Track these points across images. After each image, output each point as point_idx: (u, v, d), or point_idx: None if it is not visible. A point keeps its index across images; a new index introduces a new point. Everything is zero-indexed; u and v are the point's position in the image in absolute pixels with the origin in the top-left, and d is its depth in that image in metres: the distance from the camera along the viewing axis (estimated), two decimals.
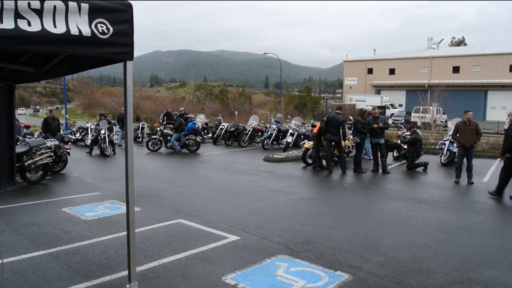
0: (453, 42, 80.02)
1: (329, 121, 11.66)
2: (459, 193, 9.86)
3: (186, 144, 16.66)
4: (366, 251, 5.64)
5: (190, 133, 17.23)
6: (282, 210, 7.82)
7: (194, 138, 16.90)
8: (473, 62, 47.59)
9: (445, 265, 5.23)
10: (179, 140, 16.65)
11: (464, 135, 10.52)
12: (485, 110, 44.45)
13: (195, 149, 16.67)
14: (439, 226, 7.01)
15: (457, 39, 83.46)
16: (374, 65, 55.58)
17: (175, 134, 16.68)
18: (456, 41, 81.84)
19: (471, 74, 46.75)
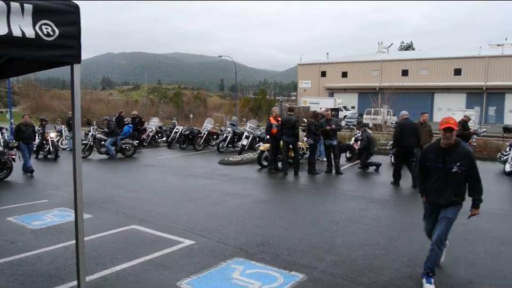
0: (402, 47, 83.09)
1: (284, 123, 11.79)
2: (410, 192, 10.23)
3: (123, 149, 16.10)
4: (320, 251, 5.75)
5: (127, 137, 16.82)
6: (237, 213, 7.83)
7: (131, 143, 16.47)
8: (421, 66, 49.72)
9: (395, 261, 5.42)
10: (115, 144, 16.00)
11: (421, 136, 10.93)
12: (432, 112, 46.41)
13: (131, 153, 16.19)
14: (389, 224, 7.26)
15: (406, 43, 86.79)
16: (327, 68, 56.80)
17: (109, 138, 15.89)
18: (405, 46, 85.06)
19: (419, 78, 48.80)
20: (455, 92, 46.47)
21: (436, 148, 4.69)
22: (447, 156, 4.54)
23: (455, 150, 4.52)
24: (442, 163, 4.57)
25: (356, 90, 52.12)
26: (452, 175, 4.55)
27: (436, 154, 4.63)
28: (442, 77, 47.36)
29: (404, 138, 10.37)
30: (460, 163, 4.47)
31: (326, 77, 56.25)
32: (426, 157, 4.78)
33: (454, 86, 46.37)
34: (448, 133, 4.44)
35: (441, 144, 4.59)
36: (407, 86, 45.97)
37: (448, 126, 4.42)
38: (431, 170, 4.73)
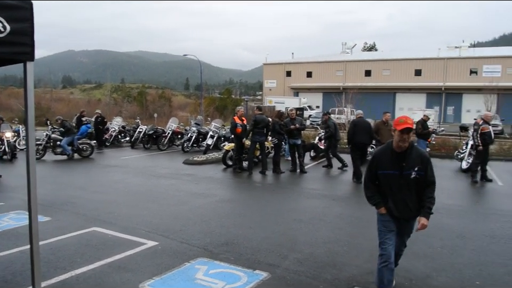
0: (365, 48, 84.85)
1: (258, 122, 11.78)
2: None
3: (80, 149, 15.53)
4: (284, 249, 5.79)
5: (84, 137, 16.38)
6: (202, 213, 7.78)
7: (89, 143, 15.98)
8: (383, 66, 50.99)
9: (357, 257, 5.54)
10: (72, 144, 15.37)
11: (384, 134, 11.23)
12: (394, 111, 47.65)
13: (89, 153, 15.67)
14: (352, 221, 7.41)
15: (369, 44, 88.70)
16: (292, 68, 57.32)
17: (65, 138, 15.22)
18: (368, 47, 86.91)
19: (382, 78, 50.01)
20: (416, 92, 47.92)
21: (389, 153, 4.07)
22: (403, 161, 3.98)
23: (411, 154, 4.00)
24: (399, 170, 4.00)
25: (320, 90, 52.85)
26: (412, 182, 4.02)
27: (391, 160, 4.03)
28: (404, 77, 48.73)
29: (356, 136, 10.96)
30: (417, 168, 3.99)
31: (291, 76, 56.76)
32: (379, 164, 4.11)
33: (414, 86, 47.80)
34: (405, 135, 3.89)
35: (395, 148, 4.01)
36: (370, 86, 47.10)
37: (407, 127, 3.87)
38: (386, 179, 4.10)
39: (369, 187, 4.30)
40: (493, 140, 11.38)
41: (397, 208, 4.14)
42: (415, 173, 4.00)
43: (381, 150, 4.23)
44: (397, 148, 4.01)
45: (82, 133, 16.48)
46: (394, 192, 4.11)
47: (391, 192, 4.13)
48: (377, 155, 4.20)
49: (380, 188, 4.22)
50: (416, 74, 49.01)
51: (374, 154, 4.31)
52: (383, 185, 4.17)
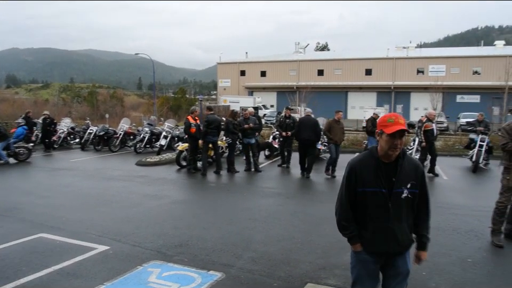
0: (318, 47, 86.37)
1: (210, 122, 11.71)
2: (327, 187, 10.70)
3: (16, 153, 14.51)
4: (238, 248, 5.80)
5: (20, 140, 15.65)
6: (155, 215, 7.65)
7: (26, 146, 15.09)
8: (335, 66, 52.16)
9: (310, 254, 5.63)
10: (8, 149, 14.31)
11: (336, 133, 11.50)
12: (346, 110, 48.90)
13: (25, 157, 14.72)
14: (305, 218, 7.53)
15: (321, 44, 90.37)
16: (246, 67, 57.47)
17: (0, 143, 14.01)
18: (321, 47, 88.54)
19: (334, 77, 51.15)
20: (367, 91, 49.38)
21: (373, 164, 2.93)
22: (393, 174, 2.90)
23: (403, 165, 2.90)
24: (387, 187, 2.89)
25: (274, 89, 53.34)
26: (403, 203, 2.92)
27: (376, 173, 2.91)
28: (355, 77, 50.08)
29: (302, 133, 11.45)
30: (411, 183, 2.91)
31: (245, 76, 56.91)
32: (358, 179, 2.95)
33: (365, 85, 49.25)
34: (398, 140, 2.82)
35: (381, 158, 2.92)
36: (323, 85, 48.03)
37: (400, 129, 2.82)
38: (369, 199, 2.94)
39: (344, 211, 3.04)
40: (436, 137, 11.90)
41: (380, 241, 2.96)
42: (407, 190, 2.90)
43: (361, 160, 3.02)
44: (384, 157, 2.90)
45: (18, 136, 15.65)
46: (378, 217, 2.95)
47: (373, 217, 2.96)
48: (356, 166, 2.99)
49: (355, 212, 3.04)
50: (367, 74, 50.52)
51: (351, 165, 3.02)
52: (361, 208, 3.00)
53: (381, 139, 2.90)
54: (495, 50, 52.73)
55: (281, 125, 12.91)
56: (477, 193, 10.20)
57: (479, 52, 52.69)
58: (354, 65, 51.15)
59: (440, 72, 46.13)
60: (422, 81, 43.98)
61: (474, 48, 62.60)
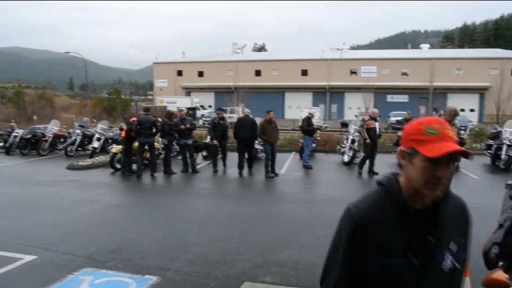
0: (255, 48, 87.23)
1: (141, 123, 11.42)
2: (264, 185, 10.80)
3: None
4: (174, 251, 5.70)
5: None
6: (87, 220, 7.34)
7: None
8: (272, 67, 52.94)
9: (248, 253, 5.65)
10: None
11: (270, 133, 11.61)
12: (283, 110, 49.78)
13: None
14: (242, 218, 7.55)
15: (259, 45, 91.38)
16: (183, 67, 56.81)
17: None
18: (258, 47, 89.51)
19: (271, 78, 51.88)
20: (303, 91, 50.55)
21: (396, 214, 1.52)
22: (430, 230, 1.51)
23: (446, 213, 1.56)
24: (421, 254, 1.50)
25: (212, 89, 53.13)
26: (447, 280, 1.55)
27: (402, 231, 1.50)
28: (292, 77, 51.10)
29: (240, 132, 11.86)
30: (458, 243, 1.58)
31: (182, 76, 56.24)
32: (372, 245, 1.50)
33: (301, 85, 50.42)
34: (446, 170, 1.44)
35: (409, 201, 1.52)
36: (260, 86, 48.56)
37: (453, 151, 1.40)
38: (387, 276, 1.50)
39: None
40: (378, 135, 12.19)
41: None
42: (451, 256, 1.55)
43: (373, 207, 1.57)
44: (415, 199, 1.52)
45: None
46: None
47: None
48: (367, 220, 1.54)
49: None
50: (303, 74, 51.79)
51: (357, 218, 1.56)
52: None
53: (411, 165, 1.51)
54: (421, 53, 56.12)
55: (214, 128, 12.39)
56: None
57: (407, 54, 55.80)
58: (291, 66, 52.21)
59: (371, 73, 48.30)
60: (355, 82, 45.80)
61: (402, 50, 66.09)
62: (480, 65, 47.37)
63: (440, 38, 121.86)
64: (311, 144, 13.86)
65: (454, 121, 6.75)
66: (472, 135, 18.84)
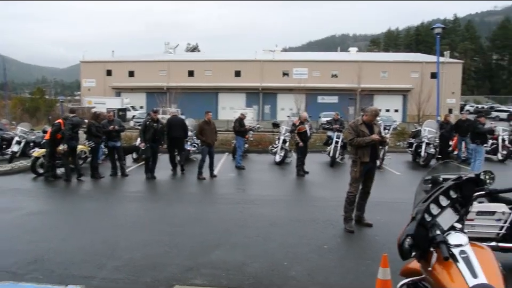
0: (188, 48, 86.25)
1: (75, 126, 10.86)
2: (196, 188, 10.68)
3: None
4: (101, 258, 5.48)
5: None
6: (5, 230, 6.84)
7: None
8: (206, 67, 52.63)
9: (178, 256, 5.56)
10: None
11: (208, 134, 11.50)
12: (217, 110, 49.69)
13: None
14: (174, 221, 7.42)
15: (192, 45, 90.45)
16: (113, 67, 54.85)
17: None
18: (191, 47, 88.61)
19: (204, 78, 51.52)
20: (236, 92, 50.78)
21: None
22: None
23: None
24: None
25: (143, 90, 51.79)
26: None
27: None
28: (225, 78, 51.11)
29: (172, 131, 12.09)
30: None
31: (112, 76, 54.26)
32: None
33: (235, 86, 50.60)
34: None
35: None
36: (193, 86, 48.11)
37: None
38: None
39: None
40: (309, 137, 12.65)
41: None
42: None
43: None
44: None
45: None
46: None
47: None
48: None
49: None
50: (236, 75, 52.03)
51: None
52: None
53: None
54: (349, 56, 58.57)
55: (145, 130, 11.52)
56: (333, 185, 11.12)
57: (336, 57, 58.03)
58: (224, 66, 52.22)
59: (303, 74, 49.59)
60: (287, 83, 46.72)
61: (332, 53, 68.61)
62: (403, 69, 50.45)
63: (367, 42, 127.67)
64: (243, 145, 13.95)
65: (376, 120, 7.10)
66: (395, 134, 19.90)
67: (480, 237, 4.96)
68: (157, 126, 11.61)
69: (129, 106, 44.23)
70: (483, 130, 12.14)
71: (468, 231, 4.68)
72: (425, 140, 14.00)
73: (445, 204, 2.92)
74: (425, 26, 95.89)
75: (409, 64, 51.55)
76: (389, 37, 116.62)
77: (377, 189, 7.43)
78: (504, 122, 32.81)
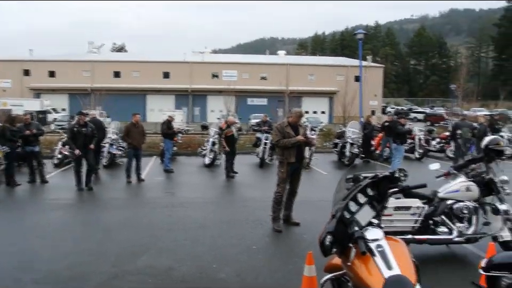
0: (114, 48, 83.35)
1: None
2: (125, 192, 10.33)
3: None
4: (18, 272, 5.12)
5: None
6: None
7: None
8: (133, 68, 51.06)
9: (103, 264, 5.35)
10: None
11: (135, 136, 11.14)
12: (145, 112, 48.42)
13: None
14: (98, 227, 7.14)
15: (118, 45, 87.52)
16: (31, 66, 51.47)
17: None
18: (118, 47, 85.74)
19: (132, 79, 49.95)
20: (165, 94, 49.81)
21: None
22: None
23: None
24: None
25: (65, 91, 49.04)
26: None
27: None
28: (153, 80, 49.92)
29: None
30: None
31: (30, 76, 50.86)
32: None
33: (163, 88, 49.62)
34: None
35: None
36: (120, 88, 46.45)
37: None
38: None
39: None
40: (237, 140, 12.81)
41: None
42: None
43: None
44: None
45: None
46: None
47: None
48: None
49: None
50: (165, 77, 51.08)
51: None
52: None
53: None
54: (278, 59, 59.70)
55: (74, 137, 10.13)
56: (262, 185, 11.23)
57: (265, 59, 58.91)
58: (152, 68, 51.03)
59: (232, 76, 49.74)
60: (217, 85, 46.68)
61: (261, 56, 69.49)
62: (329, 72, 52.44)
63: (295, 45, 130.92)
64: (171, 148, 13.72)
65: (301, 122, 7.30)
66: (322, 135, 20.59)
67: (398, 230, 5.26)
68: (86, 131, 10.25)
69: (50, 109, 41.75)
70: (403, 131, 12.95)
71: (386, 226, 4.96)
72: (350, 140, 14.64)
73: (362, 201, 3.06)
74: (349, 31, 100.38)
75: (335, 67, 53.66)
76: (316, 41, 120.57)
77: (304, 188, 7.64)
78: (421, 123, 35.29)
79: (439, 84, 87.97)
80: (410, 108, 61.65)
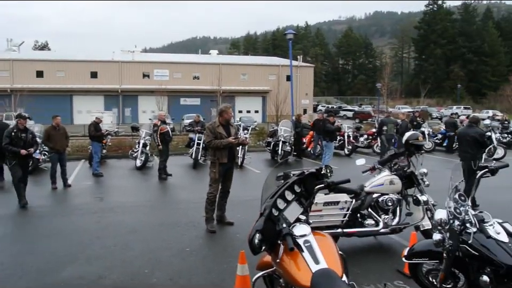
0: (36, 46, 78.71)
1: None
2: (49, 199, 9.76)
3: None
4: None
5: None
6: None
7: None
8: (58, 68, 48.35)
9: (23, 278, 5.02)
10: None
11: (56, 140, 10.55)
12: (72, 114, 46.19)
13: None
14: (17, 239, 6.70)
15: (40, 43, 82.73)
16: None
17: None
18: (40, 45, 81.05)
19: (56, 80, 47.32)
20: (93, 94, 47.74)
21: None
22: None
23: None
24: None
25: None
26: None
27: None
28: (80, 80, 47.68)
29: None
30: None
31: None
32: None
33: (91, 88, 47.54)
34: None
35: None
36: (43, 88, 43.91)
37: None
38: None
39: None
40: (171, 138, 12.55)
41: None
42: None
43: None
44: None
45: None
46: None
47: None
48: None
49: None
50: (93, 77, 48.91)
51: None
52: None
53: None
54: (210, 58, 59.42)
55: (15, 143, 8.71)
56: (196, 186, 11.11)
57: (198, 59, 58.34)
58: (79, 67, 48.68)
59: (164, 76, 48.83)
60: (148, 85, 45.56)
61: (194, 55, 68.82)
62: (261, 71, 53.07)
63: (227, 45, 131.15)
64: (100, 151, 13.17)
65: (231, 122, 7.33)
66: (255, 134, 20.81)
67: (328, 225, 5.44)
68: (25, 137, 8.93)
69: None
70: (331, 129, 13.42)
71: (316, 221, 5.11)
72: (282, 139, 14.92)
73: (290, 198, 3.12)
74: (280, 31, 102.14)
75: (267, 67, 54.45)
76: (248, 41, 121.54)
77: (237, 187, 7.67)
78: (350, 121, 36.73)
79: (366, 83, 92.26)
80: (340, 106, 63.93)
